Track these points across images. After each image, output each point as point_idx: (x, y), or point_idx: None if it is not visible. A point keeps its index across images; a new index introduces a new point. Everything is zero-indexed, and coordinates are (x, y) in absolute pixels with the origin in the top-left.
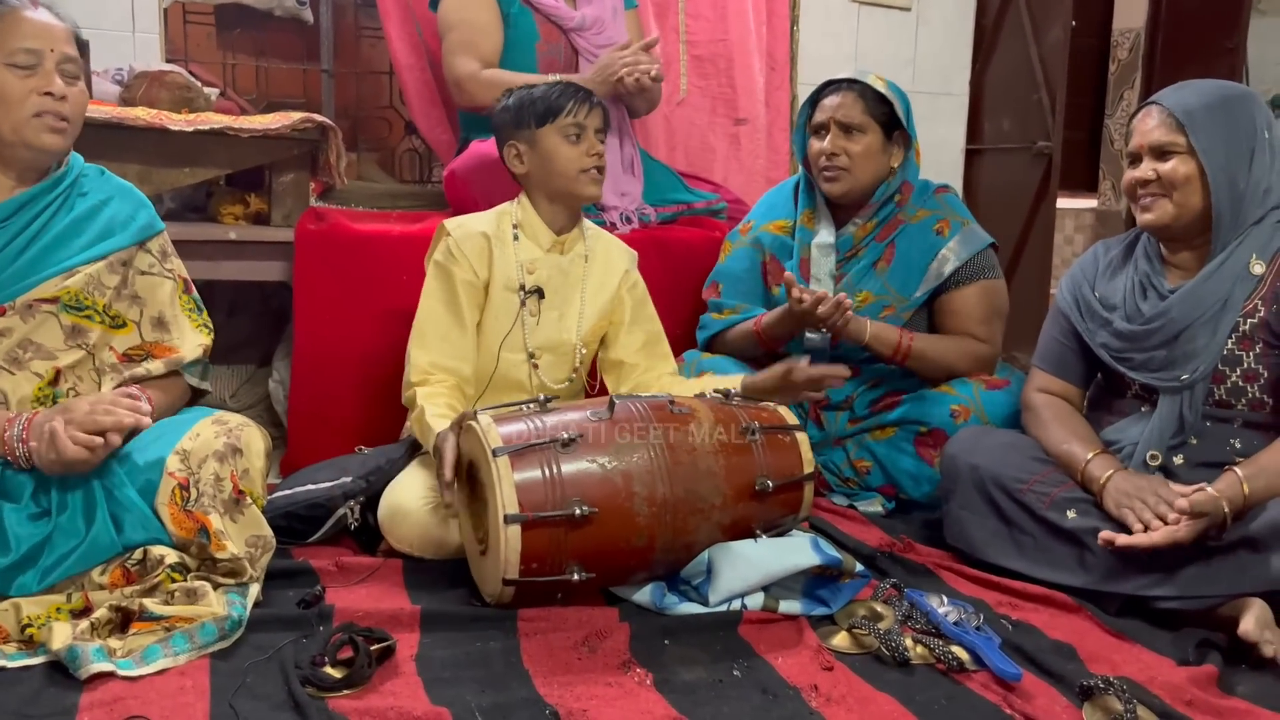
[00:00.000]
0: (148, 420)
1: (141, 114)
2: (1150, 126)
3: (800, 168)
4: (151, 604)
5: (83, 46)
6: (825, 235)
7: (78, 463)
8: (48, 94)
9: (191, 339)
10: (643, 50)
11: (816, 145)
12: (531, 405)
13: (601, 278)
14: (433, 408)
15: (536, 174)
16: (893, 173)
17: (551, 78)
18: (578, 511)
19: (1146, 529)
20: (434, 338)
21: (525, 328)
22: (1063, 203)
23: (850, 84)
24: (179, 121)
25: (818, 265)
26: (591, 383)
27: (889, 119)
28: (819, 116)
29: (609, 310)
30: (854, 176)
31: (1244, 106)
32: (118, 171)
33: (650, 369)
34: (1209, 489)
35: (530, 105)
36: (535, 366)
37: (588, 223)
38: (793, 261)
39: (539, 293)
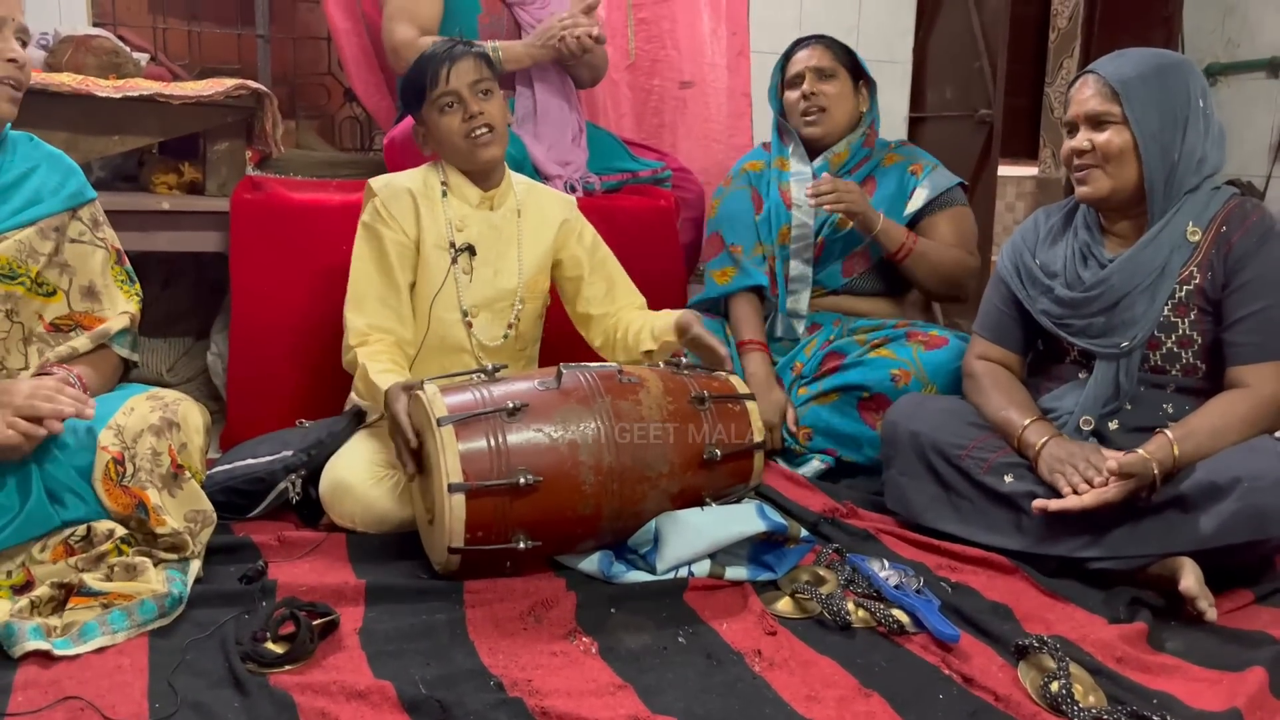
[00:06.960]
0: (90, 411)
1: (67, 80)
2: (1086, 96)
3: (775, 120)
4: (91, 579)
5: None
6: (800, 166)
7: (9, 448)
8: (11, 60)
9: (123, 309)
10: (582, 12)
11: (793, 95)
12: (479, 375)
13: (536, 231)
14: (375, 364)
15: (440, 150)
16: (862, 118)
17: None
18: (522, 480)
19: (1077, 494)
20: (370, 300)
21: (459, 286)
22: (1004, 170)
23: (819, 38)
24: (106, 88)
25: (797, 193)
26: (541, 338)
27: (855, 67)
28: (793, 69)
29: (547, 263)
30: (832, 117)
31: (1178, 75)
32: (43, 139)
33: (618, 312)
34: (1140, 451)
35: (407, 89)
36: (470, 325)
37: (517, 176)
38: (772, 192)
39: (470, 250)
